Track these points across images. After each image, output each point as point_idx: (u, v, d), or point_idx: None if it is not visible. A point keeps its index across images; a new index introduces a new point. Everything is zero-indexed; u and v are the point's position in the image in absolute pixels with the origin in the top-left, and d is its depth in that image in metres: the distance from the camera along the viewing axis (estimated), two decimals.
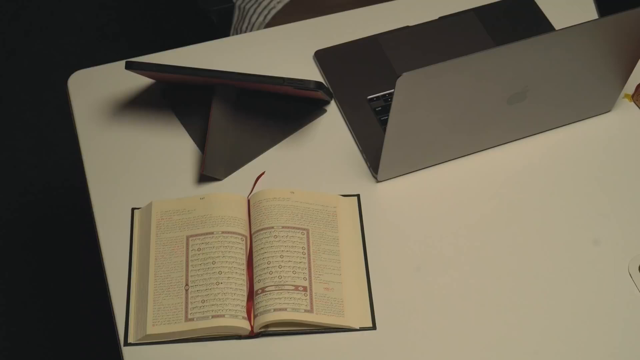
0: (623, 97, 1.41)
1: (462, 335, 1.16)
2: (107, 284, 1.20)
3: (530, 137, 1.35)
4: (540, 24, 1.49)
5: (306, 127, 1.36)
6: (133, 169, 1.30)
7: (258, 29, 1.77)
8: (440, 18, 1.50)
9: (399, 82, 1.08)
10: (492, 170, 1.32)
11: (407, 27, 1.48)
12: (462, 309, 1.18)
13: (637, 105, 1.40)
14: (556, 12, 1.51)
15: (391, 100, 1.37)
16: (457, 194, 1.29)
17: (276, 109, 1.36)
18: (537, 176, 1.31)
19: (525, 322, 1.17)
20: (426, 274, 1.21)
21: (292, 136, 1.35)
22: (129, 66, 1.22)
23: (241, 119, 1.33)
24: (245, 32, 1.78)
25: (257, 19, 1.77)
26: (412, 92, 1.11)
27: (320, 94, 1.27)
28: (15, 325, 2.09)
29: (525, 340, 1.16)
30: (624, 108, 1.40)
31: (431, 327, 1.16)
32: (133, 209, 1.26)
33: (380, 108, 1.37)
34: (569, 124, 1.37)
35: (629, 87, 1.41)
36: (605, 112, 1.39)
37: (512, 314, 1.18)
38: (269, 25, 1.76)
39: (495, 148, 1.34)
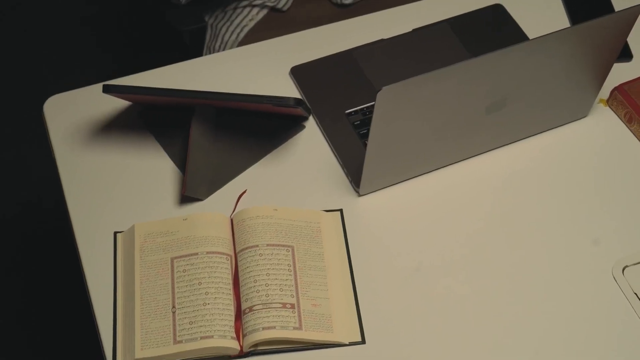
0: (598, 102, 1.43)
1: (451, 343, 1.16)
2: (93, 309, 1.19)
3: (510, 145, 1.36)
4: (513, 33, 1.50)
5: (286, 143, 1.36)
6: (113, 193, 1.29)
7: (231, 47, 1.76)
8: (414, 30, 1.50)
9: (379, 95, 1.08)
10: (473, 179, 1.32)
11: (382, 40, 1.49)
12: (450, 319, 1.18)
13: (613, 110, 1.42)
14: (528, 20, 1.53)
15: (369, 114, 1.37)
16: (440, 205, 1.29)
17: (255, 127, 1.36)
18: (517, 183, 1.32)
19: (511, 330, 1.18)
20: (413, 285, 1.21)
21: (272, 153, 1.34)
22: (107, 89, 1.21)
23: (221, 138, 1.33)
24: (218, 51, 1.78)
25: (229, 37, 1.77)
26: (392, 105, 1.12)
27: (299, 111, 1.27)
28: None
29: (514, 348, 1.16)
30: (600, 113, 1.42)
31: (420, 338, 1.16)
32: (115, 233, 1.25)
33: (358, 122, 1.37)
34: (547, 130, 1.38)
35: (604, 92, 1.42)
36: (581, 118, 1.40)
37: (502, 323, 1.18)
38: (242, 43, 1.76)
39: (475, 157, 1.35)
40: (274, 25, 1.77)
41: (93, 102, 1.39)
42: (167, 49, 1.99)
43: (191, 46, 1.79)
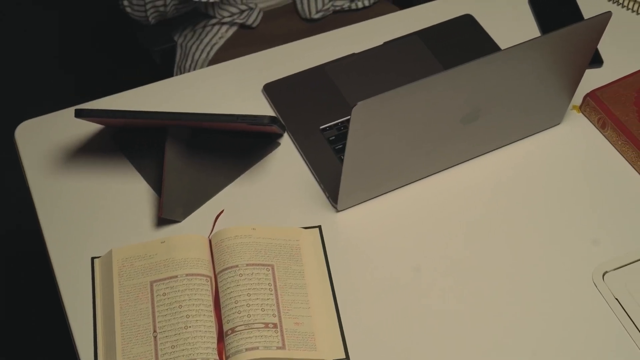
0: (571, 109, 1.43)
1: (433, 355, 1.16)
2: (73, 336, 1.17)
3: (486, 155, 1.36)
4: (484, 43, 1.51)
5: (261, 161, 1.35)
6: (89, 218, 1.28)
7: (202, 66, 1.76)
8: (385, 43, 1.51)
9: (354, 111, 1.08)
10: (451, 190, 1.32)
11: (353, 54, 1.48)
12: (432, 330, 1.18)
13: (586, 116, 1.43)
14: (499, 30, 1.53)
15: (344, 129, 1.37)
16: (419, 217, 1.29)
17: (230, 146, 1.35)
18: (495, 192, 1.32)
19: (491, 339, 1.17)
20: (394, 298, 1.21)
21: (248, 172, 1.34)
22: (79, 114, 1.20)
23: (196, 158, 1.32)
24: (189, 70, 1.77)
25: (200, 55, 1.76)
26: (368, 120, 1.11)
27: (274, 128, 1.26)
28: None
29: (494, 357, 1.16)
30: (573, 119, 1.42)
31: (404, 350, 1.16)
32: (93, 258, 1.23)
33: (333, 137, 1.36)
34: (522, 139, 1.39)
35: (577, 99, 1.43)
36: (555, 125, 1.41)
37: (483, 332, 1.18)
38: (213, 61, 1.75)
39: (453, 168, 1.35)
40: (244, 42, 1.77)
41: (65, 126, 1.38)
42: (138, 70, 1.98)
43: (162, 66, 1.78)
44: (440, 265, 1.24)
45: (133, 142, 1.35)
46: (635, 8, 1.59)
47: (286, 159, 1.36)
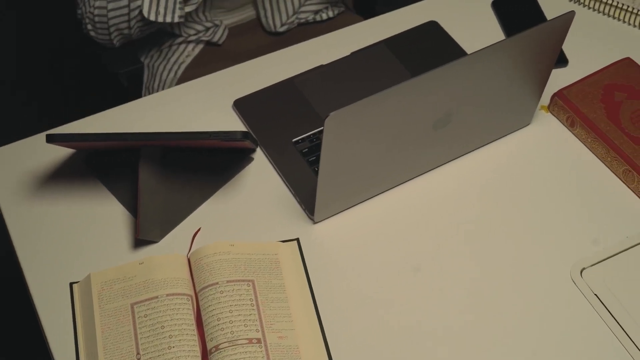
0: (540, 109, 1.45)
1: None
2: None
3: (459, 159, 1.37)
4: (450, 48, 1.52)
5: (235, 177, 1.35)
6: (65, 243, 1.27)
7: (170, 85, 1.75)
8: (353, 53, 1.51)
9: (327, 122, 1.08)
10: (427, 195, 1.33)
11: (321, 65, 1.49)
12: (416, 337, 1.18)
13: (554, 115, 1.44)
14: (464, 35, 1.55)
15: (317, 141, 1.37)
16: (396, 223, 1.30)
17: (203, 163, 1.34)
18: (470, 195, 1.33)
19: (474, 341, 1.18)
20: (376, 306, 1.21)
21: (222, 188, 1.33)
22: (51, 139, 1.19)
23: (170, 177, 1.31)
24: (157, 90, 1.76)
25: (167, 75, 1.76)
26: (341, 130, 1.12)
27: (247, 143, 1.26)
28: None
29: (477, 358, 1.17)
30: (543, 119, 1.44)
31: (388, 358, 1.16)
32: (71, 284, 1.22)
33: (306, 149, 1.37)
34: (493, 141, 1.40)
35: (545, 99, 1.45)
36: (525, 126, 1.42)
37: (463, 335, 1.19)
38: (181, 80, 1.75)
39: (428, 173, 1.35)
40: (211, 59, 1.77)
41: (36, 153, 1.37)
42: (106, 93, 1.97)
43: (129, 88, 1.77)
44: (421, 270, 1.25)
45: (106, 165, 1.35)
46: (597, 7, 1.61)
47: (260, 174, 1.36)
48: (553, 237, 1.29)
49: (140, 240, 1.27)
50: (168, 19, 1.55)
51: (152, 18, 1.54)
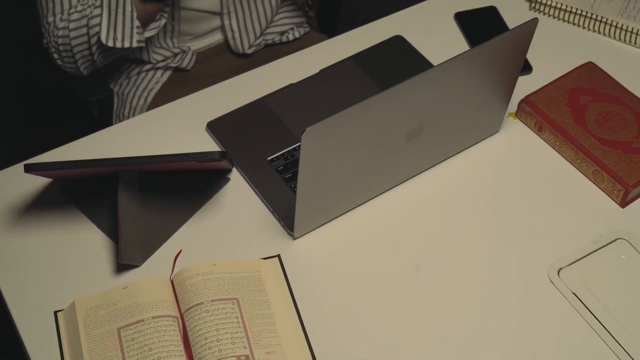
0: (508, 116, 1.48)
1: None
2: None
3: (433, 168, 1.40)
4: (417, 61, 1.55)
5: (213, 198, 1.36)
6: (47, 272, 1.27)
7: (140, 112, 1.76)
8: (322, 70, 1.53)
9: (304, 137, 1.10)
10: (404, 205, 1.35)
11: (291, 84, 1.51)
12: (400, 345, 1.20)
13: (522, 122, 1.47)
14: (429, 48, 1.58)
15: (291, 158, 1.39)
16: (374, 235, 1.31)
17: (181, 186, 1.35)
18: (446, 203, 1.35)
19: (456, 344, 1.20)
20: (360, 316, 1.22)
21: (201, 210, 1.34)
22: (29, 169, 1.20)
23: (149, 201, 1.32)
24: (128, 117, 1.77)
25: (137, 102, 1.77)
26: (318, 144, 1.13)
27: (224, 164, 1.28)
28: None
29: None
30: (511, 126, 1.47)
31: None
32: (56, 312, 1.22)
33: (282, 167, 1.38)
34: (465, 149, 1.42)
35: (512, 106, 1.48)
36: (495, 133, 1.45)
37: (449, 343, 1.20)
38: (151, 106, 1.76)
39: (403, 184, 1.37)
40: (180, 84, 1.78)
41: (12, 184, 1.36)
42: (76, 123, 1.97)
43: (100, 117, 1.77)
44: (403, 279, 1.26)
45: (83, 193, 1.35)
46: (556, 14, 1.65)
47: (237, 193, 1.37)
48: (529, 240, 1.31)
49: (122, 265, 1.27)
50: (126, 44, 1.56)
51: (110, 44, 1.55)
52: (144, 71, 1.77)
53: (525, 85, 1.50)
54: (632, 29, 1.59)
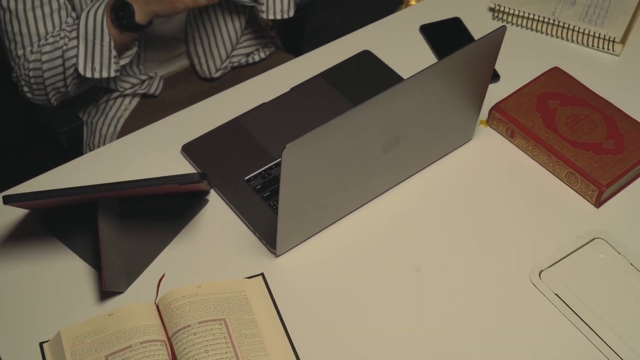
0: (480, 124, 1.50)
1: None
2: None
3: (410, 179, 1.41)
4: (386, 74, 1.56)
5: (193, 220, 1.36)
6: (31, 304, 1.26)
7: (111, 140, 1.75)
8: (292, 89, 1.54)
9: (285, 153, 1.11)
10: (384, 216, 1.36)
11: (264, 103, 1.52)
12: (387, 354, 1.20)
13: (494, 129, 1.49)
14: (397, 60, 1.59)
15: (268, 176, 1.40)
16: (356, 248, 1.32)
17: (160, 210, 1.35)
18: (425, 212, 1.37)
19: (441, 354, 1.21)
20: (345, 328, 1.23)
21: (181, 233, 1.34)
22: (7, 200, 1.19)
23: (129, 227, 1.31)
24: (98, 146, 1.76)
25: (107, 130, 1.76)
26: (299, 160, 1.14)
27: (204, 185, 1.28)
28: None
29: None
30: (483, 134, 1.49)
31: None
32: (41, 343, 1.21)
33: (260, 186, 1.39)
34: (439, 159, 1.44)
35: (483, 114, 1.49)
36: (468, 141, 1.47)
37: (435, 351, 1.21)
38: (121, 134, 1.75)
39: (382, 195, 1.39)
40: (149, 111, 1.78)
41: None
42: (45, 154, 1.95)
43: (70, 147, 1.76)
44: (386, 292, 1.27)
45: (62, 222, 1.34)
46: (519, 22, 1.68)
47: (217, 214, 1.37)
48: (508, 245, 1.33)
49: (105, 293, 1.26)
50: (105, 74, 1.56)
51: (89, 75, 1.55)
52: (112, 99, 1.77)
53: (494, 93, 1.52)
54: (594, 32, 1.63)
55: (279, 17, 1.67)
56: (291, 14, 1.68)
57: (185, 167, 1.43)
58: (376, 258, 1.31)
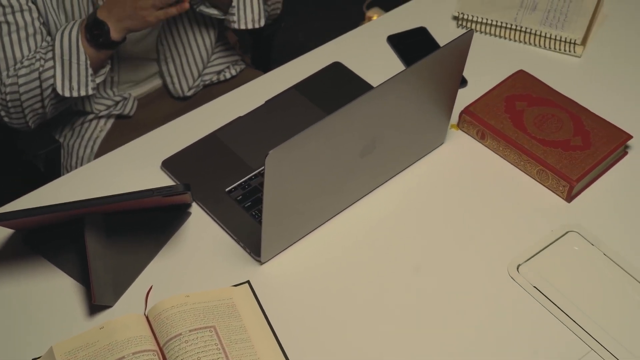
0: (451, 128, 1.54)
1: None
2: None
3: (387, 183, 1.45)
4: (357, 84, 1.60)
5: (177, 233, 1.38)
6: (21, 323, 1.27)
7: (88, 161, 1.77)
8: (267, 102, 1.58)
9: (268, 160, 1.14)
10: (365, 219, 1.39)
11: (240, 117, 1.55)
12: (376, 354, 1.23)
13: (465, 132, 1.53)
14: (367, 70, 1.63)
15: (249, 187, 1.42)
16: (339, 251, 1.35)
17: (144, 224, 1.37)
18: (404, 214, 1.40)
19: (428, 353, 1.24)
20: (333, 330, 1.26)
21: (167, 245, 1.36)
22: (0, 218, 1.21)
23: (115, 241, 1.34)
24: (75, 167, 1.78)
25: (84, 152, 1.78)
26: (281, 166, 1.17)
27: (187, 196, 1.30)
28: None
29: None
30: (454, 137, 1.53)
31: None
32: (34, 359, 1.23)
33: (240, 197, 1.41)
34: (413, 163, 1.48)
35: (454, 118, 1.54)
36: (440, 145, 1.51)
37: (423, 351, 1.24)
38: (98, 155, 1.77)
39: (361, 200, 1.42)
40: (124, 131, 1.80)
41: None
42: (22, 178, 1.95)
43: (46, 170, 1.78)
44: (370, 292, 1.30)
45: (46, 241, 1.36)
46: (482, 29, 1.73)
47: (200, 226, 1.39)
48: (485, 242, 1.37)
49: (95, 307, 1.28)
50: (82, 93, 1.58)
51: (67, 94, 1.57)
52: (87, 121, 1.79)
53: (463, 98, 1.56)
54: (556, 36, 1.68)
55: (250, 26, 1.70)
56: (262, 23, 1.71)
57: (166, 182, 1.45)
58: (358, 261, 1.34)
